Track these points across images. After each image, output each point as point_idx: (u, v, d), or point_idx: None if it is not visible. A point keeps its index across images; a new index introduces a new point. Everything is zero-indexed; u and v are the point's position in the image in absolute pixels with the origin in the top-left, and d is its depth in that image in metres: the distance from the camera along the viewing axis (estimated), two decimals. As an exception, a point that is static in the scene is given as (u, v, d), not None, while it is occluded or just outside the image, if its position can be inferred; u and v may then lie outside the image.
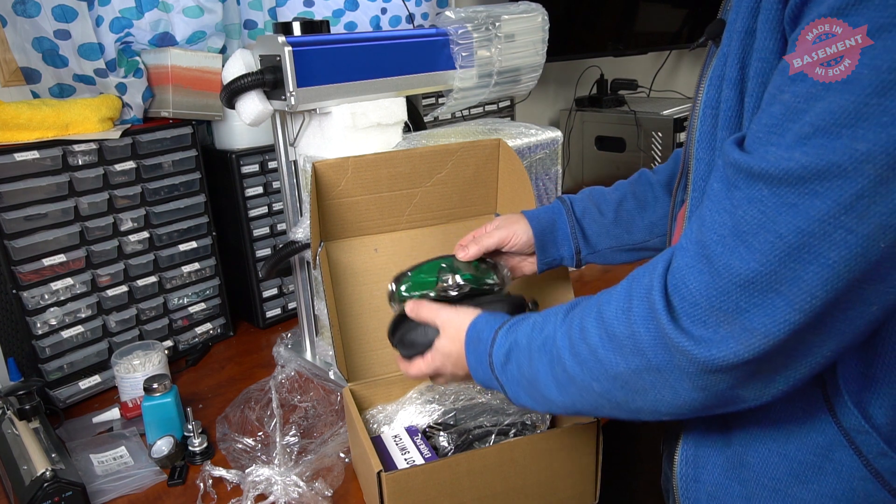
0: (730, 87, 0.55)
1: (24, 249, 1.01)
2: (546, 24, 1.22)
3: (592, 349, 0.56)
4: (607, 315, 0.55)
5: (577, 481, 0.81)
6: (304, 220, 1.05)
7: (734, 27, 0.54)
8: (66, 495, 0.79)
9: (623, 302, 0.55)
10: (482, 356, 0.68)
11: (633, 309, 0.53)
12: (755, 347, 0.47)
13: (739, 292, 0.47)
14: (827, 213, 0.43)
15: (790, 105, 0.45)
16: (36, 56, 1.13)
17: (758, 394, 0.51)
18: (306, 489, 0.83)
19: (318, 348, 1.17)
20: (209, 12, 1.24)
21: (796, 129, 0.44)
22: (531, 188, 0.97)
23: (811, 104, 0.44)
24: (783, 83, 0.46)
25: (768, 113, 0.47)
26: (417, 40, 1.07)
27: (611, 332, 0.55)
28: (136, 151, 1.12)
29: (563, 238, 0.90)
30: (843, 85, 0.42)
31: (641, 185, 0.92)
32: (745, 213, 0.47)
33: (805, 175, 0.43)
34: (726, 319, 0.48)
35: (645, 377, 0.53)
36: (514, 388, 0.66)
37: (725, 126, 0.56)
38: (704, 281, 0.49)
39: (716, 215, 0.49)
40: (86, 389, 1.11)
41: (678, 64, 2.49)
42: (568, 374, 0.59)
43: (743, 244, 0.46)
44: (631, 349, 0.53)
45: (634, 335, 0.53)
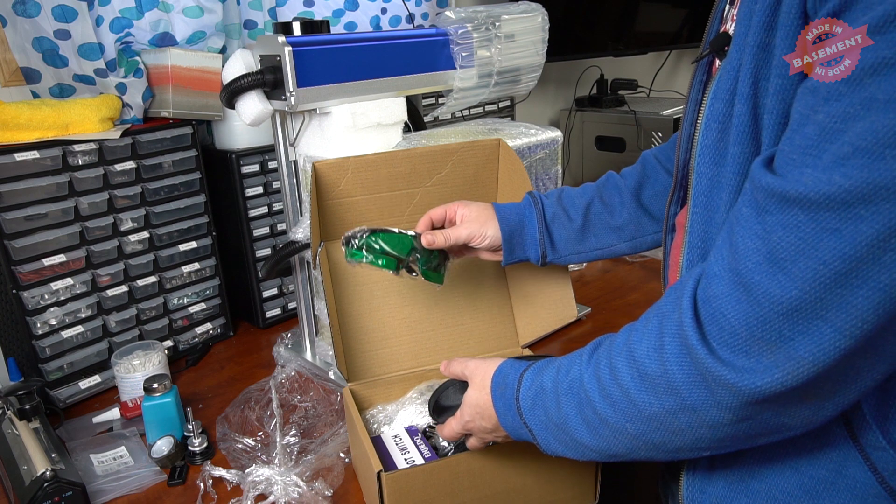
0: (742, 102, 0.54)
1: (24, 249, 1.01)
2: (546, 24, 1.22)
3: (625, 390, 0.55)
4: (638, 354, 0.54)
5: (577, 481, 0.81)
6: (304, 220, 1.05)
7: (745, 41, 0.53)
8: (66, 495, 0.79)
9: (654, 340, 0.53)
10: (509, 400, 0.66)
11: (666, 347, 0.52)
12: (802, 375, 0.45)
13: (782, 321, 0.45)
14: (874, 237, 0.41)
15: (825, 125, 0.43)
16: (36, 56, 1.13)
17: (805, 421, 0.50)
18: (306, 489, 0.83)
19: (318, 348, 1.17)
20: (209, 12, 1.24)
21: (834, 150, 0.42)
22: (531, 188, 0.97)
23: (849, 124, 0.42)
24: (816, 102, 0.44)
25: (801, 133, 0.45)
26: (417, 40, 1.07)
27: (643, 371, 0.54)
28: (136, 151, 1.12)
29: (530, 241, 0.91)
30: (886, 105, 0.41)
31: (609, 190, 0.94)
32: (781, 240, 0.45)
33: (847, 199, 0.42)
34: (769, 348, 0.46)
35: (681, 417, 0.52)
36: (543, 434, 0.64)
37: (738, 142, 0.55)
38: (743, 310, 0.47)
39: (748, 241, 0.47)
40: (86, 389, 1.11)
41: (678, 64, 2.49)
42: (599, 416, 0.57)
43: (782, 271, 0.45)
44: (665, 388, 0.52)
45: (668, 374, 0.52)
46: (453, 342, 1.00)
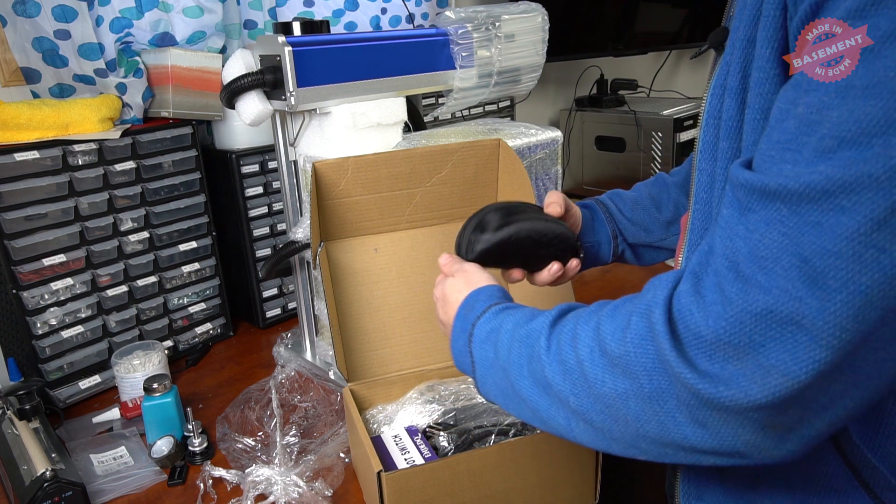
0: (731, 97, 0.54)
1: (24, 249, 1.01)
2: (546, 24, 1.22)
3: (579, 360, 0.52)
4: (604, 329, 0.51)
5: (577, 481, 0.81)
6: (304, 220, 1.05)
7: (737, 35, 0.53)
8: (66, 495, 0.79)
9: (622, 319, 0.50)
10: (466, 325, 0.64)
11: (631, 327, 0.49)
12: (772, 388, 0.42)
13: (753, 324, 0.42)
14: (856, 231, 0.39)
15: (805, 118, 0.42)
16: (36, 56, 1.13)
17: (763, 452, 0.46)
18: (306, 489, 0.83)
19: (318, 348, 1.17)
20: (209, 12, 1.24)
21: (814, 143, 0.41)
22: (531, 188, 0.97)
23: (825, 114, 0.40)
24: (795, 96, 0.43)
25: (780, 129, 0.44)
26: (417, 40, 1.07)
27: (604, 347, 0.50)
28: (136, 151, 1.12)
29: (599, 225, 0.89)
30: (864, 91, 0.39)
31: (657, 187, 0.93)
32: (764, 237, 0.42)
33: (830, 188, 0.39)
34: (736, 355, 0.43)
35: (631, 404, 0.48)
36: (483, 372, 0.61)
37: (727, 137, 0.54)
38: (714, 312, 0.44)
39: (727, 241, 0.45)
40: (86, 389, 1.11)
41: (678, 64, 2.49)
42: (546, 377, 0.54)
43: (761, 270, 0.42)
44: (622, 370, 0.49)
45: (627, 356, 0.48)
46: (453, 342, 1.00)
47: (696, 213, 0.61)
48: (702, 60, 0.69)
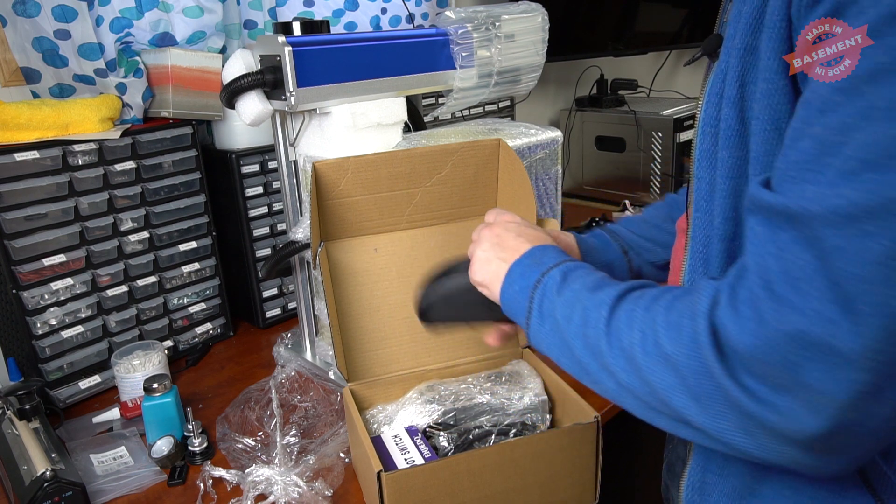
0: (729, 105, 0.53)
1: (24, 249, 1.01)
2: (546, 24, 1.22)
3: (632, 344, 0.52)
4: (659, 323, 0.51)
5: (577, 481, 0.81)
6: (304, 220, 1.05)
7: (732, 43, 0.53)
8: (66, 495, 0.79)
9: (676, 317, 0.50)
10: (533, 273, 0.63)
11: (683, 329, 0.49)
12: (820, 417, 0.42)
13: (788, 344, 0.42)
14: (883, 255, 0.39)
15: (823, 139, 0.42)
16: (36, 56, 1.13)
17: (811, 470, 0.46)
18: (306, 489, 0.83)
19: (318, 348, 1.17)
20: (209, 12, 1.24)
21: (838, 164, 0.41)
22: (531, 188, 0.97)
23: (849, 136, 0.40)
24: (810, 116, 0.43)
25: (797, 149, 0.44)
26: (417, 40, 1.07)
27: (658, 339, 0.50)
28: (136, 151, 1.12)
29: (605, 245, 0.87)
30: (889, 113, 0.39)
31: (667, 205, 0.90)
32: (796, 257, 0.42)
33: (854, 213, 0.39)
34: (773, 374, 0.43)
35: (677, 396, 0.49)
36: (538, 321, 0.61)
37: (726, 146, 0.54)
38: (749, 328, 0.44)
39: (759, 259, 0.45)
40: (86, 389, 1.11)
41: (678, 64, 2.49)
42: (599, 347, 0.54)
43: (795, 291, 0.42)
44: (672, 367, 0.49)
45: (677, 355, 0.48)
46: (453, 342, 1.00)
47: (696, 222, 0.60)
48: (701, 68, 0.68)
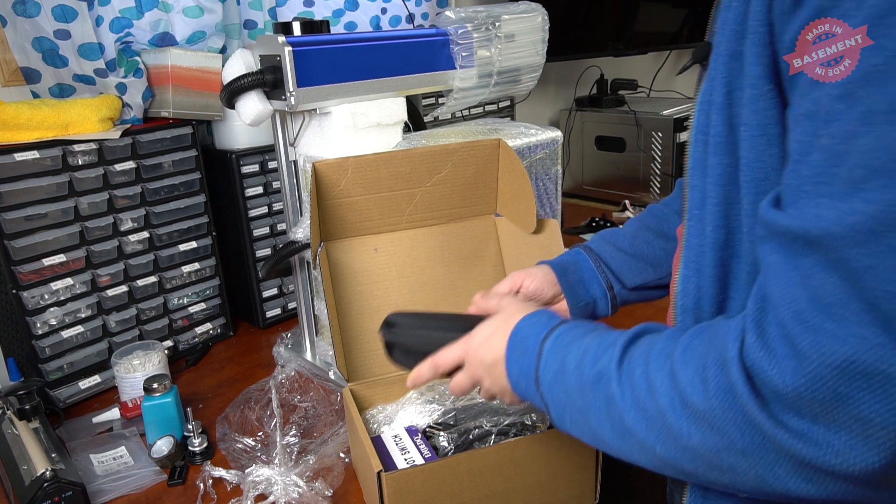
0: (717, 113, 0.53)
1: (24, 249, 1.01)
2: (546, 24, 1.22)
3: (661, 412, 0.48)
4: (682, 378, 0.47)
5: (577, 481, 0.81)
6: (304, 220, 1.05)
7: (719, 51, 0.52)
8: (66, 495, 0.79)
9: (698, 367, 0.47)
10: (528, 368, 0.60)
11: (710, 380, 0.45)
12: (879, 449, 0.39)
13: (836, 377, 0.39)
14: None
15: (830, 149, 0.40)
16: (36, 56, 1.13)
17: (882, 502, 0.42)
18: (306, 489, 0.83)
19: (318, 348, 1.17)
20: (209, 12, 1.24)
21: (844, 174, 0.39)
22: (531, 188, 0.97)
23: (852, 143, 0.39)
24: (816, 127, 0.42)
25: (806, 163, 0.42)
26: (417, 40, 1.07)
27: (685, 399, 0.46)
28: (136, 151, 1.12)
29: (589, 276, 0.84)
30: (889, 115, 0.38)
31: (652, 217, 0.87)
32: (823, 282, 0.40)
33: (876, 227, 0.37)
34: (825, 410, 0.40)
35: (724, 457, 0.45)
36: (559, 412, 0.58)
37: (716, 153, 0.54)
38: (790, 366, 0.41)
39: (783, 290, 0.42)
40: (86, 389, 1.11)
41: (678, 64, 2.49)
42: (627, 426, 0.51)
43: (831, 318, 0.39)
44: (709, 425, 0.45)
45: (712, 411, 0.45)
46: (453, 342, 1.00)
47: (690, 229, 0.59)
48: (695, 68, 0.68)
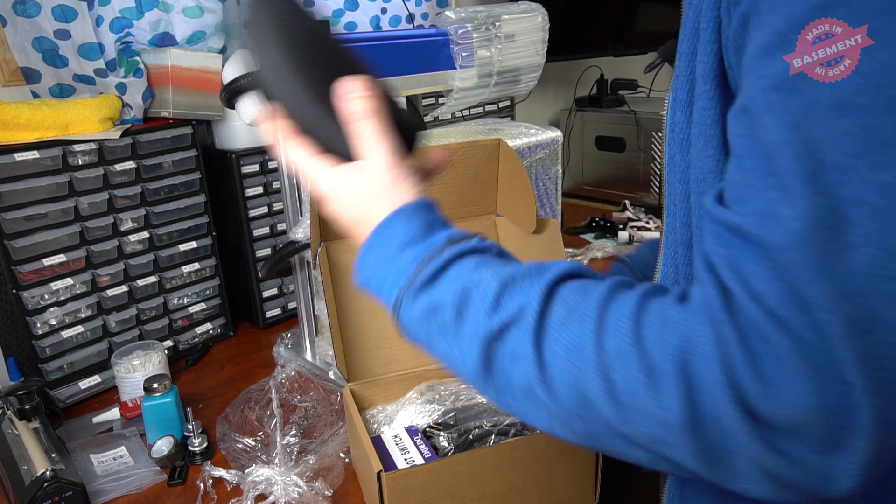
0: (681, 110, 0.53)
1: (24, 249, 1.01)
2: (546, 24, 1.22)
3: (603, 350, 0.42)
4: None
5: (577, 481, 0.81)
6: (304, 220, 1.05)
7: (682, 48, 0.53)
8: (66, 495, 0.79)
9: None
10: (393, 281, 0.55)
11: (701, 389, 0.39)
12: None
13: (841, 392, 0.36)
14: (868, 264, 0.36)
15: (777, 143, 0.39)
16: (36, 56, 1.13)
17: None
18: (306, 489, 0.83)
19: (318, 348, 1.17)
20: (209, 12, 1.24)
21: (797, 171, 0.37)
22: (531, 188, 0.97)
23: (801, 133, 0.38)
24: (751, 121, 0.41)
25: (750, 156, 0.41)
26: (417, 40, 1.07)
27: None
28: (136, 151, 1.12)
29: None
30: (836, 110, 0.37)
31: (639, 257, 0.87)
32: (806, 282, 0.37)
33: (828, 225, 0.36)
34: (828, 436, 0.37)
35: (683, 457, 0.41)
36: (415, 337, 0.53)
37: (679, 150, 0.54)
38: (790, 385, 0.38)
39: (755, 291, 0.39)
40: (86, 389, 1.11)
41: (678, 64, 2.49)
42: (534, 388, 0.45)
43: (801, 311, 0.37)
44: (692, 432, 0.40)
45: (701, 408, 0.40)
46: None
47: (668, 227, 0.59)
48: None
